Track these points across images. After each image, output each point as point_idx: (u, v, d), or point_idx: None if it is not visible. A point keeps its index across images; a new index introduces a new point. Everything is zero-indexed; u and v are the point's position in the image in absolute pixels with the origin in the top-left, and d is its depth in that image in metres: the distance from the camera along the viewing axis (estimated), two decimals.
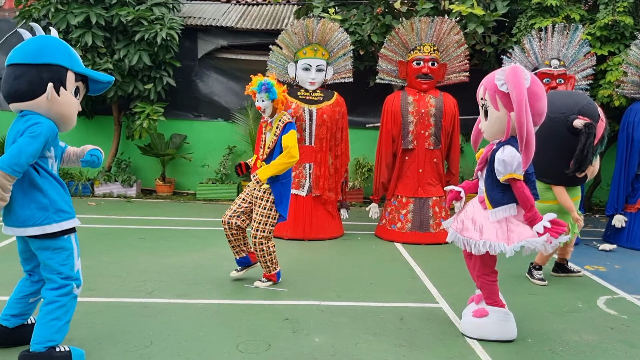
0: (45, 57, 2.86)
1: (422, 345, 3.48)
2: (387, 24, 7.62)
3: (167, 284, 4.50)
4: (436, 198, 6.42)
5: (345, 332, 3.65)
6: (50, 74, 2.86)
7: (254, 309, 4.04)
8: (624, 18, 6.76)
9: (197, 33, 9.19)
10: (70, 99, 2.95)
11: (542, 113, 3.41)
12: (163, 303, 4.06)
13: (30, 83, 2.83)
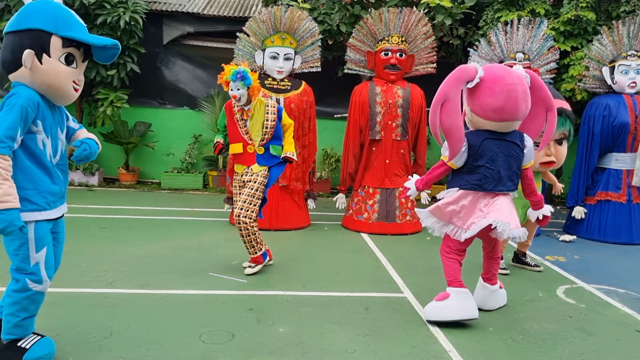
0: (26, 23, 2.58)
1: (387, 334, 3.50)
2: (355, 13, 7.60)
3: (129, 274, 4.40)
4: (402, 189, 6.46)
5: (310, 322, 3.63)
6: (30, 40, 2.57)
7: (219, 299, 3.98)
8: (587, 13, 6.90)
9: (163, 19, 8.99)
10: (56, 66, 2.62)
11: (496, 109, 3.49)
12: (124, 293, 3.97)
13: (13, 52, 2.59)
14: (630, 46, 6.47)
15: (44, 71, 2.60)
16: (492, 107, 3.51)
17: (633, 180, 6.50)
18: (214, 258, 5.00)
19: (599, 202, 6.64)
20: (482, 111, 3.56)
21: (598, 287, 4.74)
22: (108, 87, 8.32)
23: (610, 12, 7.18)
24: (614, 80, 6.51)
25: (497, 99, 3.48)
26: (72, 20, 2.67)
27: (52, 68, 2.62)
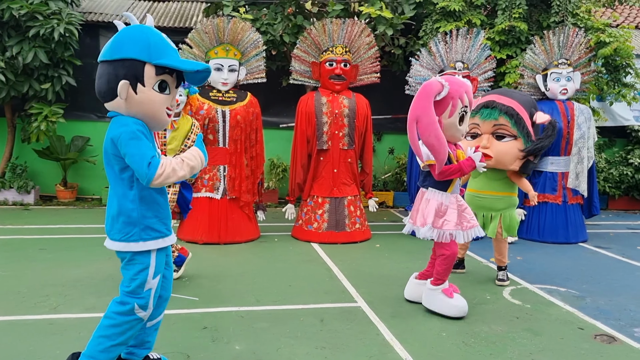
0: (120, 52, 2.54)
1: (343, 345, 3.51)
2: (298, 24, 7.64)
3: (74, 298, 4.21)
4: (351, 197, 6.52)
5: (266, 338, 3.60)
6: (124, 70, 2.52)
7: (170, 319, 3.87)
8: (519, 24, 7.21)
9: (99, 29, 8.72)
10: (150, 95, 2.57)
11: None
12: (70, 319, 3.80)
13: (108, 82, 2.56)
14: (560, 55, 6.82)
15: (139, 101, 2.57)
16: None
17: (568, 182, 6.84)
18: None
19: (537, 204, 6.91)
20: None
21: (541, 286, 4.93)
22: (42, 102, 7.97)
23: (541, 23, 7.54)
24: (547, 87, 6.83)
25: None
26: (164, 46, 2.60)
27: (147, 97, 2.57)
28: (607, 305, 4.49)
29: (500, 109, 4.74)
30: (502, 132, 4.78)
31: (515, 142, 4.75)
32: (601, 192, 9.08)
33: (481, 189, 4.92)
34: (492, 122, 4.79)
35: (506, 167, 4.78)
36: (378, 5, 7.46)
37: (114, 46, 2.57)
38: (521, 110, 4.74)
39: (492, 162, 4.72)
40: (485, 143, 4.77)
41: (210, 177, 6.19)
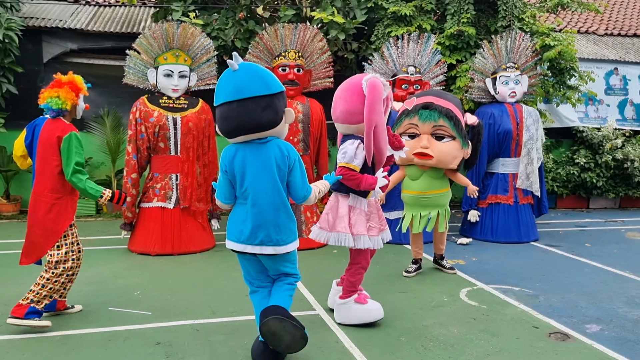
0: (277, 86, 3.13)
1: (302, 354, 3.43)
2: (250, 29, 7.54)
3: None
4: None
5: (223, 351, 3.50)
6: (283, 100, 3.18)
7: (121, 335, 3.72)
8: (468, 29, 7.34)
9: (42, 35, 8.37)
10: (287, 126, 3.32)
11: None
12: (13, 340, 3.59)
13: (277, 112, 3.11)
14: (508, 59, 6.97)
15: (285, 125, 3.24)
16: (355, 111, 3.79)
17: (517, 182, 6.99)
18: (113, 290, 4.67)
19: (490, 205, 7.05)
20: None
21: (496, 287, 5.01)
22: None
23: (489, 27, 7.71)
24: (496, 91, 6.98)
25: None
26: None
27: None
28: (559, 302, 4.59)
29: (440, 111, 4.93)
30: (442, 133, 4.98)
31: (454, 143, 4.97)
32: (549, 192, 9.35)
33: (426, 189, 5.10)
34: (431, 124, 4.97)
35: (447, 166, 5.01)
36: (330, 11, 7.45)
37: (269, 81, 3.10)
38: (458, 112, 4.97)
39: (433, 161, 4.97)
40: (426, 143, 4.97)
41: (162, 186, 6.02)
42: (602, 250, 6.62)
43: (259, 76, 3.08)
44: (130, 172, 6.01)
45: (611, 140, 9.45)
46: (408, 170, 5.19)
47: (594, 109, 10.15)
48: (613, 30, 11.80)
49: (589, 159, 9.50)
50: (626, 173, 9.51)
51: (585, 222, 8.58)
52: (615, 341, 3.77)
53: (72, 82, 3.91)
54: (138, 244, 6.02)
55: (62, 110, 3.88)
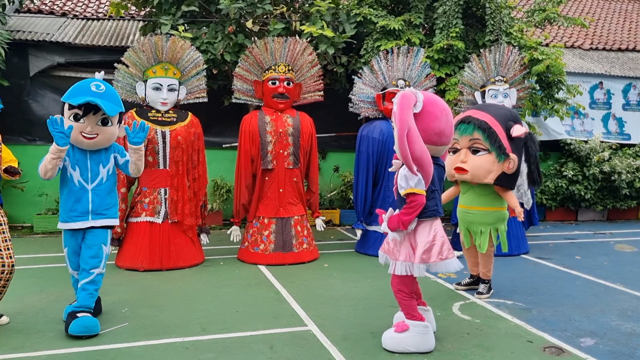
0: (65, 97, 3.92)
1: None
2: (239, 42, 7.53)
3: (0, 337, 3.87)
4: (298, 217, 6.41)
5: None
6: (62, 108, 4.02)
7: (108, 354, 3.62)
8: (457, 43, 7.39)
9: (28, 49, 8.29)
10: (68, 123, 3.89)
11: (439, 132, 3.57)
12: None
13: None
14: (497, 72, 7.02)
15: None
16: (435, 131, 3.55)
17: None
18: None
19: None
20: (425, 135, 3.49)
21: (489, 300, 4.97)
22: None
23: (477, 41, 7.77)
24: None
25: (439, 122, 3.56)
26: (80, 91, 3.90)
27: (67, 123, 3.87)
28: (552, 316, 4.56)
29: (474, 123, 4.80)
30: (477, 146, 4.82)
31: (488, 156, 4.77)
32: (538, 204, 9.37)
33: (470, 204, 5.00)
34: (468, 137, 4.84)
35: (481, 181, 4.82)
36: (319, 25, 7.47)
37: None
38: (494, 124, 4.75)
39: (468, 176, 4.81)
40: (463, 157, 4.86)
41: (150, 200, 5.93)
42: (592, 262, 6.63)
43: None
44: (119, 186, 5.92)
45: (598, 152, 9.53)
46: (461, 183, 5.12)
47: (579, 122, 10.25)
48: (598, 44, 11.98)
49: (577, 172, 9.57)
50: (613, 185, 9.59)
51: (574, 235, 8.61)
52: (609, 355, 3.74)
53: None
54: (126, 260, 5.92)
55: None
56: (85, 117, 3.92)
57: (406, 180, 3.51)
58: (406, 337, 3.72)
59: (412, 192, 3.50)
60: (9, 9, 8.54)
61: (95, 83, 3.97)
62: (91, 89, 3.90)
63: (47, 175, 3.85)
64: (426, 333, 3.75)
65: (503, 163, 4.75)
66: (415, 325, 3.73)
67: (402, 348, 3.71)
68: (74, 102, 3.85)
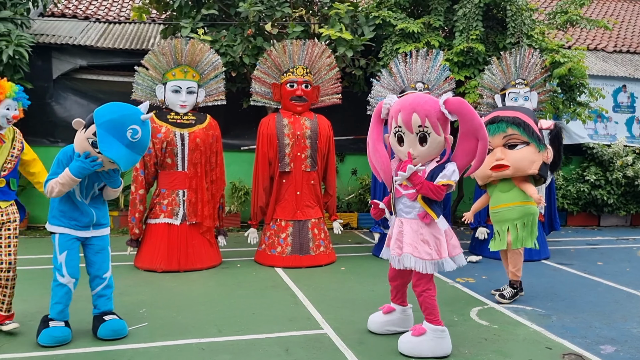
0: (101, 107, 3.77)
1: None
2: (258, 45, 7.56)
3: (21, 335, 3.94)
4: (315, 220, 6.41)
5: None
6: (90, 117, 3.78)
7: (125, 354, 3.66)
8: (477, 45, 7.33)
9: (52, 52, 8.44)
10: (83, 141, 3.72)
11: None
12: (17, 358, 3.53)
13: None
14: (517, 75, 6.93)
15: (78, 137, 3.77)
16: None
17: None
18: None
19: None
20: None
21: (507, 306, 4.91)
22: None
23: (498, 44, 7.69)
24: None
25: None
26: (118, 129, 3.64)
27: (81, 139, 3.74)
28: (572, 323, 4.48)
29: (506, 120, 4.86)
30: (514, 141, 4.87)
31: (529, 147, 4.84)
32: (559, 209, 9.25)
33: (495, 204, 5.05)
34: (501, 135, 4.88)
35: (525, 172, 4.86)
36: (338, 27, 7.46)
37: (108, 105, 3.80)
38: (526, 118, 4.85)
39: (510, 170, 4.86)
40: (499, 155, 4.88)
41: (169, 202, 5.98)
42: (614, 268, 6.51)
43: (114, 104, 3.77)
44: (138, 188, 5.99)
45: (622, 157, 9.36)
46: (487, 186, 5.14)
47: (602, 125, 10.08)
48: (622, 47, 11.78)
49: (600, 176, 9.41)
50: (637, 190, 9.41)
51: (596, 240, 8.46)
52: None
53: None
54: (144, 261, 5.98)
55: None
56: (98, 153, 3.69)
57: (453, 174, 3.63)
58: (423, 341, 3.70)
59: (448, 184, 3.62)
60: (33, 13, 8.70)
61: (133, 128, 3.61)
62: (127, 135, 3.60)
63: (52, 196, 3.74)
64: (443, 338, 3.73)
65: (542, 153, 4.84)
66: (433, 329, 3.72)
67: (418, 352, 3.68)
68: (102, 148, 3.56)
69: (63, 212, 3.86)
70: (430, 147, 3.62)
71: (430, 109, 3.55)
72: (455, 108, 3.52)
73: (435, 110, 3.55)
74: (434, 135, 3.58)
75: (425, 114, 3.54)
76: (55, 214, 3.87)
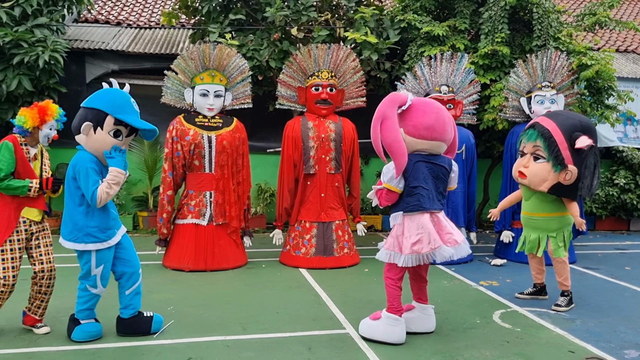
0: (92, 103, 3.76)
1: None
2: (284, 49, 7.68)
3: (54, 330, 4.11)
4: (339, 222, 6.48)
5: None
6: (92, 115, 3.71)
7: (154, 350, 3.78)
8: (502, 48, 7.30)
9: (85, 57, 8.71)
10: (105, 138, 3.72)
11: (428, 127, 3.87)
12: (50, 352, 3.70)
13: (79, 121, 3.74)
14: (544, 78, 6.89)
15: (94, 139, 3.73)
16: (424, 125, 3.86)
17: None
18: (147, 305, 4.73)
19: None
20: (415, 130, 3.88)
21: (531, 309, 4.89)
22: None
23: (524, 46, 7.65)
24: (531, 110, 6.88)
25: (428, 118, 3.89)
26: (127, 108, 3.74)
27: (100, 138, 3.72)
28: (597, 327, 4.45)
29: (538, 130, 4.78)
30: (538, 153, 4.79)
31: (545, 165, 4.72)
32: (588, 213, 9.13)
33: (533, 211, 4.97)
34: (532, 143, 4.83)
35: (536, 188, 4.80)
36: (363, 31, 7.53)
37: (91, 98, 3.79)
38: (557, 133, 4.65)
39: (526, 181, 4.85)
40: (526, 162, 4.88)
41: (196, 203, 6.13)
42: None
43: (94, 94, 3.80)
44: (166, 189, 6.15)
45: None
46: (522, 189, 5.11)
47: (632, 128, 9.91)
48: None
49: (629, 180, 9.26)
50: None
51: (625, 245, 8.33)
52: None
53: (42, 107, 4.02)
54: (172, 260, 6.13)
55: (23, 129, 3.94)
56: (127, 137, 3.82)
57: (385, 175, 3.92)
58: (377, 325, 4.00)
59: (386, 188, 3.91)
60: (67, 19, 8.99)
61: (132, 100, 3.83)
62: (135, 108, 3.80)
63: (104, 202, 3.68)
64: (395, 326, 3.95)
65: (559, 173, 4.65)
66: (387, 316, 3.98)
67: (371, 334, 4.01)
68: (137, 125, 3.73)
69: (97, 226, 3.77)
70: None
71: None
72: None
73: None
74: None
75: None
76: (89, 231, 3.73)
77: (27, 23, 7.70)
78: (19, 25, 7.65)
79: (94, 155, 3.75)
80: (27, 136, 3.99)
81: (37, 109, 3.99)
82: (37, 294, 4.11)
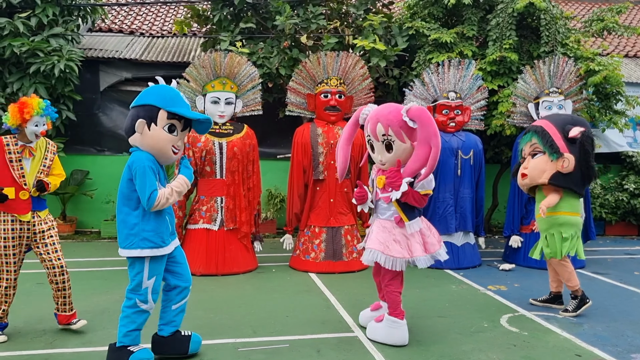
0: (142, 100, 3.48)
1: None
2: (294, 57, 7.79)
3: (70, 332, 4.21)
4: (348, 227, 6.55)
5: None
6: (144, 112, 3.43)
7: None
8: (510, 54, 7.36)
9: (99, 65, 8.89)
10: (160, 133, 3.44)
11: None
12: (66, 353, 3.80)
13: (132, 120, 3.45)
14: (551, 83, 6.93)
15: (150, 136, 3.44)
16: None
17: None
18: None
19: (533, 231, 6.92)
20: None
21: (538, 314, 4.93)
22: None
23: (532, 53, 7.69)
24: (539, 116, 6.90)
25: None
26: (177, 100, 3.49)
27: (157, 134, 3.44)
28: (604, 331, 4.48)
29: (531, 130, 4.94)
30: (535, 150, 4.92)
31: (543, 157, 4.83)
32: (597, 218, 9.12)
33: (536, 213, 5.06)
34: (528, 144, 4.98)
35: (536, 181, 4.87)
36: (372, 38, 7.62)
37: (140, 96, 3.51)
38: (548, 126, 4.82)
39: (527, 180, 4.93)
40: (525, 164, 4.99)
41: (207, 208, 6.23)
42: None
43: (142, 92, 3.53)
44: None
45: None
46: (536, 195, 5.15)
47: None
48: None
49: (639, 185, 9.23)
50: None
51: (635, 250, 8.31)
52: None
53: (20, 104, 3.94)
54: None
55: (10, 127, 3.96)
56: (182, 132, 3.56)
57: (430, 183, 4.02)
58: (380, 327, 4.12)
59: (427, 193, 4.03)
60: (82, 29, 9.18)
61: (182, 94, 3.64)
62: (185, 102, 3.58)
63: (162, 207, 3.46)
64: (396, 328, 4.04)
65: (557, 162, 4.75)
66: (388, 319, 4.08)
67: (374, 336, 4.14)
68: (191, 115, 3.46)
69: (153, 230, 3.48)
70: (396, 153, 3.96)
71: (392, 118, 3.88)
72: (416, 115, 3.79)
73: (398, 119, 3.84)
74: (398, 142, 3.90)
75: (388, 123, 3.88)
76: (146, 235, 3.44)
77: (43, 33, 7.89)
78: (35, 35, 7.84)
79: (151, 154, 3.47)
80: (18, 134, 4.02)
81: (18, 106, 3.94)
82: (57, 292, 4.20)
